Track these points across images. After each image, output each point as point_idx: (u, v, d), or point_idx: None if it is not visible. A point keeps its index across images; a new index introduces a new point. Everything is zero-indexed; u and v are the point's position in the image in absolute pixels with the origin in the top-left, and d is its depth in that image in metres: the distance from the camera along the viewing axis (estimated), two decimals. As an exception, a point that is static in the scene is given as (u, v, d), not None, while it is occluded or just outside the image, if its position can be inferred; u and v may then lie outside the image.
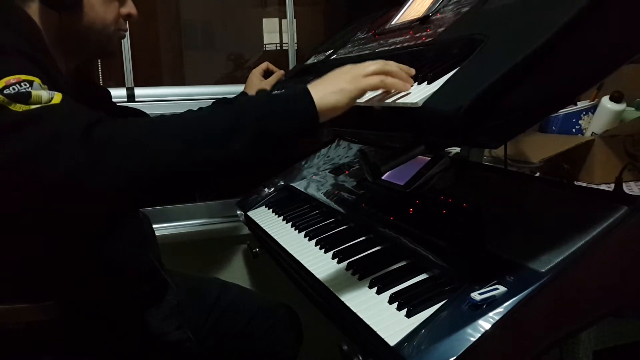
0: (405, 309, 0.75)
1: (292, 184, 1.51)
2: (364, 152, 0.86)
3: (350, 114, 0.82)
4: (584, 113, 1.33)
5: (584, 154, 1.18)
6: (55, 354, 0.92)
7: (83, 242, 0.95)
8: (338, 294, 0.86)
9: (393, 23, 1.22)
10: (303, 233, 1.17)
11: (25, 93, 0.72)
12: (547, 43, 0.63)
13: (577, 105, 1.33)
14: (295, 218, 1.29)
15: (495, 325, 0.65)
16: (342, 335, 0.81)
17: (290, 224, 1.26)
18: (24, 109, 0.71)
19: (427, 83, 0.79)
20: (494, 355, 0.67)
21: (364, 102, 0.83)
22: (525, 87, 0.65)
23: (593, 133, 1.24)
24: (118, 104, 1.24)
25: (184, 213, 1.76)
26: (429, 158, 1.07)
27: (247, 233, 1.56)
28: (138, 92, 1.74)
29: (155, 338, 1.11)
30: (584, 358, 0.92)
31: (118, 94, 1.72)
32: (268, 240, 1.26)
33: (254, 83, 1.48)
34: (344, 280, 0.91)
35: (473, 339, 0.64)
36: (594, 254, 0.69)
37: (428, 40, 0.96)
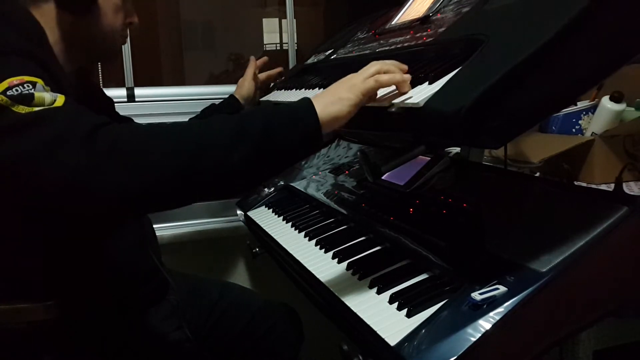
0: (406, 309, 0.75)
1: (292, 184, 1.51)
2: (364, 152, 0.86)
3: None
4: (584, 113, 1.33)
5: (584, 154, 1.18)
6: (56, 354, 0.92)
7: (83, 242, 0.94)
8: (338, 294, 0.86)
9: (393, 23, 1.22)
10: (303, 233, 1.17)
11: (28, 95, 0.72)
12: (548, 43, 0.63)
13: (577, 105, 1.33)
14: (295, 218, 1.29)
15: (496, 325, 0.65)
16: (342, 335, 0.81)
17: (290, 224, 1.26)
18: (27, 111, 0.71)
19: (428, 83, 0.79)
20: (494, 355, 0.67)
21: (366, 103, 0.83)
22: (526, 87, 0.65)
23: (593, 133, 1.24)
24: (118, 114, 1.22)
25: (184, 213, 1.75)
26: (429, 158, 1.07)
27: (247, 233, 1.56)
28: (138, 92, 1.74)
29: (155, 338, 1.11)
30: (584, 358, 0.92)
31: (118, 94, 1.72)
32: (268, 240, 1.26)
33: (245, 86, 1.51)
34: (344, 280, 0.91)
35: (473, 339, 0.64)
36: (594, 254, 0.69)
37: (429, 41, 0.96)
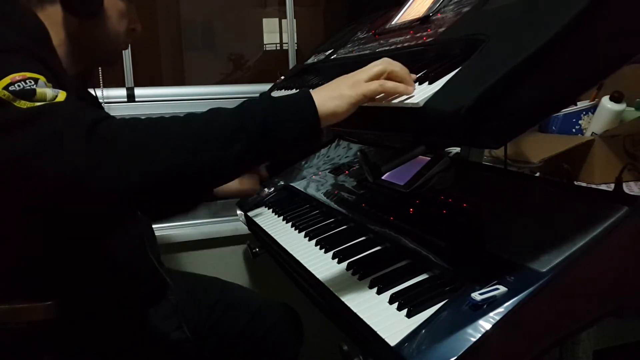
0: (406, 309, 0.75)
1: (292, 184, 1.51)
2: (364, 152, 0.86)
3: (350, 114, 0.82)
4: (584, 113, 1.33)
5: (584, 154, 1.18)
6: (55, 354, 0.92)
7: (83, 242, 0.94)
8: (338, 294, 0.86)
9: (393, 23, 1.22)
10: (303, 233, 1.17)
11: (30, 90, 0.72)
12: (548, 43, 0.63)
13: (577, 105, 1.33)
14: (295, 218, 1.29)
15: (496, 325, 0.64)
16: (342, 335, 0.81)
17: (290, 224, 1.26)
18: (29, 106, 0.71)
19: (428, 83, 0.79)
20: (494, 356, 0.67)
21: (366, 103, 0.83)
22: (526, 87, 0.65)
23: (593, 133, 1.24)
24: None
25: (184, 213, 1.75)
26: (429, 158, 1.07)
27: (247, 233, 1.56)
28: (138, 92, 1.74)
29: (155, 338, 1.11)
30: (584, 358, 0.92)
31: (118, 94, 1.72)
32: (268, 240, 1.26)
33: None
34: (344, 281, 0.91)
35: (473, 339, 0.64)
36: (594, 254, 0.69)
37: (429, 40, 0.96)
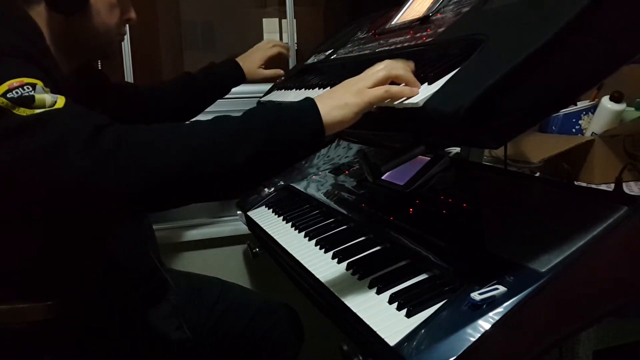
0: (405, 309, 0.75)
1: (292, 184, 1.51)
2: (364, 152, 0.86)
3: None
4: (584, 113, 1.33)
5: (584, 154, 1.18)
6: (56, 354, 0.92)
7: (83, 242, 0.95)
8: (338, 294, 0.86)
9: (393, 23, 1.22)
10: (303, 233, 1.17)
11: (29, 97, 0.71)
12: (548, 43, 0.63)
13: (577, 105, 1.33)
14: (295, 218, 1.29)
15: (495, 325, 0.64)
16: (342, 335, 0.81)
17: (290, 224, 1.26)
18: (28, 114, 0.70)
19: (427, 83, 0.79)
20: (494, 356, 0.67)
21: None
22: (526, 87, 0.65)
23: (593, 133, 1.24)
24: (114, 83, 1.25)
25: (184, 213, 1.76)
26: (429, 158, 1.07)
27: (247, 233, 1.56)
28: (138, 92, 1.74)
29: (155, 338, 1.11)
30: (584, 358, 0.92)
31: (118, 94, 1.72)
32: (268, 240, 1.26)
33: (254, 64, 1.49)
34: (344, 280, 0.91)
35: (473, 339, 0.64)
36: (594, 254, 0.69)
37: (428, 40, 0.96)
